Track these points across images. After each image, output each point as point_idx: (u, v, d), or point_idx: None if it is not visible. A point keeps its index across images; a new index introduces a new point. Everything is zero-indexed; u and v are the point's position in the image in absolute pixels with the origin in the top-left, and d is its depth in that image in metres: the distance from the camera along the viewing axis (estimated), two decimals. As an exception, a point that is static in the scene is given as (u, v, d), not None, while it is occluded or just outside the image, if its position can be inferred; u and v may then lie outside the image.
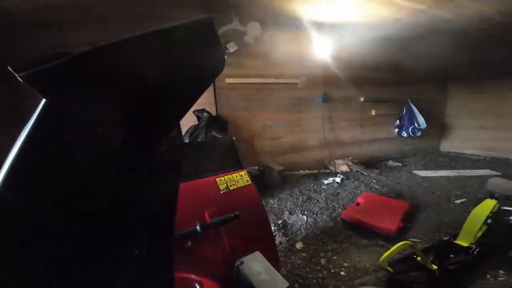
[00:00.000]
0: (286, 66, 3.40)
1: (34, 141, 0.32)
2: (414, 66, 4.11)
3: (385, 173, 3.74)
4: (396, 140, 4.50)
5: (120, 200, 0.41)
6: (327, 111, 3.75)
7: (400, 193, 3.01)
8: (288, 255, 1.92)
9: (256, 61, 3.26)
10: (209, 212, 0.96)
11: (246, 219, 0.96)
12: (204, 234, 0.83)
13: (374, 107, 4.07)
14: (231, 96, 3.25)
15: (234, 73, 3.19)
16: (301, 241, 2.08)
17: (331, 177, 3.42)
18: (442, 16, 2.98)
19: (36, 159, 0.33)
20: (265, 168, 3.43)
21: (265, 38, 3.19)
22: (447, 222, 2.34)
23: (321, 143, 3.82)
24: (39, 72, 0.30)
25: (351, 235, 2.15)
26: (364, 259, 1.87)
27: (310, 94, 3.63)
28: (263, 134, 3.49)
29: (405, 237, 2.09)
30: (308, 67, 3.49)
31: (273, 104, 3.46)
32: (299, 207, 2.64)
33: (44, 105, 0.32)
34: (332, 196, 2.90)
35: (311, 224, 2.32)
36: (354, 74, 3.76)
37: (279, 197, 2.90)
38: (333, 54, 3.46)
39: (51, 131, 0.34)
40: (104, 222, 0.40)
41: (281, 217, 2.44)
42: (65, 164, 0.34)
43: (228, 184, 1.10)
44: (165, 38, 0.37)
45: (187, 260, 0.84)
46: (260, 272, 0.79)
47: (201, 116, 2.89)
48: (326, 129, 3.79)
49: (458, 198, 2.83)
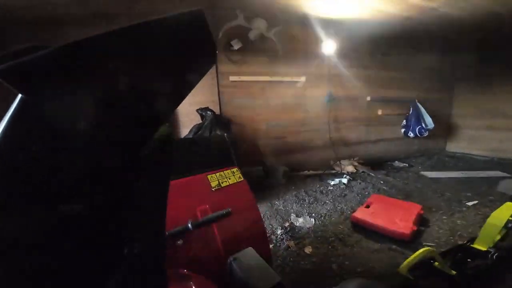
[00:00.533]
0: (291, 64, 3.32)
1: (10, 140, 0.30)
2: (422, 64, 4.03)
3: (392, 174, 3.65)
4: (402, 141, 4.42)
5: (107, 199, 0.39)
6: (332, 110, 3.66)
7: (409, 194, 2.92)
8: (297, 260, 1.83)
9: (261, 59, 3.18)
10: (200, 210, 0.96)
11: (238, 215, 0.97)
12: (195, 231, 0.83)
13: (381, 107, 3.99)
14: (235, 94, 3.17)
15: (239, 71, 3.11)
16: (309, 245, 1.99)
17: (337, 178, 3.33)
18: (453, 15, 2.90)
19: (13, 158, 0.31)
20: (270, 168, 3.35)
21: (271, 35, 3.11)
22: (461, 225, 2.26)
23: (326, 143, 3.74)
24: (13, 66, 0.28)
25: (361, 239, 2.06)
26: (377, 264, 1.79)
27: (316, 92, 3.55)
28: (267, 133, 3.41)
29: (419, 241, 2.01)
30: (314, 65, 3.41)
31: (278, 103, 3.37)
32: (306, 209, 2.56)
33: (20, 101, 0.30)
34: (340, 197, 2.81)
35: (319, 227, 2.24)
36: (361, 73, 3.68)
37: (284, 198, 2.82)
38: (340, 51, 3.38)
39: (27, 129, 0.32)
40: (91, 222, 0.38)
41: (288, 220, 2.35)
42: (44, 164, 0.33)
43: (220, 181, 1.10)
44: (152, 30, 0.34)
45: (179, 258, 0.84)
46: (253, 268, 0.79)
47: (205, 114, 2.81)
48: (332, 128, 3.70)
49: (469, 200, 2.75)
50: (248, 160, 3.23)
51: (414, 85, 4.19)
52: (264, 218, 2.40)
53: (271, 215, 2.44)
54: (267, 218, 2.40)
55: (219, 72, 3.06)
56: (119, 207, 0.41)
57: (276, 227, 2.24)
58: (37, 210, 0.33)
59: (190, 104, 2.94)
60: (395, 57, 3.89)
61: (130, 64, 0.34)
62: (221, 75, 3.06)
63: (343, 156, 3.81)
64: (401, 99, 4.10)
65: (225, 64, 3.04)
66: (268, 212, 2.49)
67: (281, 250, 1.93)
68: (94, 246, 0.39)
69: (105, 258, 0.41)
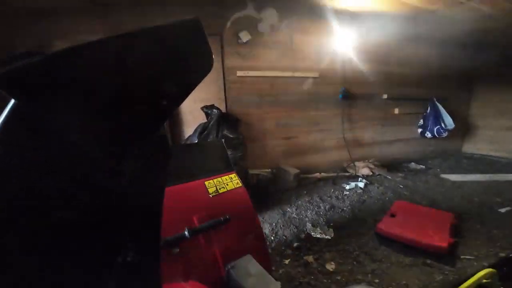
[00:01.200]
0: (303, 58, 3.07)
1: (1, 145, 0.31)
2: (442, 62, 3.78)
3: (410, 177, 3.40)
4: (418, 141, 4.16)
5: (101, 206, 0.39)
6: (346, 108, 3.41)
7: (434, 200, 2.67)
8: (320, 278, 1.59)
9: (271, 52, 2.93)
10: (197, 217, 0.93)
11: (236, 222, 0.95)
12: (193, 239, 0.81)
13: (397, 105, 3.73)
14: (243, 90, 2.92)
15: (246, 65, 2.86)
16: (331, 260, 1.75)
17: (352, 182, 3.08)
18: (482, 11, 2.64)
19: (4, 163, 0.31)
20: (279, 170, 3.11)
21: (282, 27, 2.86)
22: (498, 235, 2.02)
23: (339, 144, 3.49)
24: (7, 72, 0.29)
25: (390, 253, 1.82)
26: (412, 281, 1.55)
27: (329, 89, 3.30)
28: (276, 133, 3.16)
29: (456, 254, 1.77)
30: (327, 60, 3.16)
31: (288, 100, 3.13)
32: (323, 218, 2.31)
33: (13, 106, 0.31)
34: (358, 204, 2.56)
35: (340, 239, 1.99)
36: (378, 69, 3.42)
37: (297, 204, 2.58)
38: (356, 46, 3.14)
39: (19, 134, 0.32)
40: (83, 229, 0.38)
41: (304, 230, 2.11)
42: (36, 170, 0.33)
43: (217, 187, 1.07)
44: (149, 38, 0.35)
45: (176, 266, 0.82)
46: (251, 275, 0.78)
47: (210, 113, 2.57)
48: (345, 128, 3.45)
49: (501, 206, 2.50)
50: (255, 162, 2.99)
51: (432, 83, 3.93)
52: (277, 228, 2.16)
53: (284, 225, 2.19)
54: (280, 228, 2.15)
55: (225, 66, 2.82)
56: (112, 214, 0.41)
57: (291, 239, 2.00)
58: (27, 216, 0.33)
59: (195, 101, 2.70)
60: (414, 53, 3.63)
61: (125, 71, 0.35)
62: (228, 70, 2.83)
63: (357, 157, 3.56)
64: (419, 98, 3.84)
65: (232, 58, 2.80)
66: (281, 221, 2.25)
67: (300, 266, 1.69)
68: (87, 254, 0.38)
69: (98, 266, 0.40)
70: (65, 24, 2.27)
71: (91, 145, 0.36)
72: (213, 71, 2.90)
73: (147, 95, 0.38)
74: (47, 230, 0.34)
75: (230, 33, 2.71)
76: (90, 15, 2.31)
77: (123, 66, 0.34)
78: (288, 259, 1.76)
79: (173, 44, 0.36)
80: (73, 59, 0.31)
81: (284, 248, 1.89)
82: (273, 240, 2.01)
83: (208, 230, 0.89)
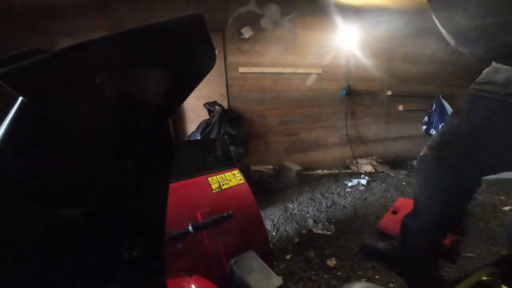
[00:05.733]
0: (306, 54, 3.05)
1: (10, 143, 0.31)
2: (448, 58, 3.71)
3: (413, 174, 3.38)
4: (422, 138, 4.11)
5: (107, 202, 0.40)
6: (350, 105, 3.39)
7: (437, 198, 2.66)
8: (320, 274, 1.61)
9: (274, 48, 2.91)
10: (201, 212, 0.95)
11: (239, 217, 0.96)
12: (196, 234, 0.83)
13: (402, 102, 3.69)
14: (245, 87, 2.92)
15: (249, 62, 2.86)
16: (332, 256, 1.76)
17: (354, 179, 3.08)
18: None
19: (14, 161, 0.32)
20: (281, 167, 3.12)
21: (285, 23, 2.84)
22: (500, 233, 2.01)
23: (342, 141, 3.48)
24: (15, 69, 0.28)
25: (391, 250, 1.82)
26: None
27: (332, 86, 3.27)
28: (279, 129, 3.17)
29: (457, 251, 1.77)
30: (331, 56, 3.13)
31: (291, 97, 3.12)
32: (324, 214, 2.33)
33: (21, 104, 0.31)
34: (360, 201, 2.57)
35: (341, 235, 2.00)
36: (382, 65, 3.38)
37: (299, 201, 2.59)
38: (360, 42, 3.10)
39: (28, 132, 0.33)
40: (90, 225, 0.39)
41: (305, 226, 2.13)
42: (44, 167, 0.34)
43: (220, 183, 1.09)
44: (152, 35, 0.34)
45: (180, 262, 0.84)
46: (254, 270, 0.79)
47: (213, 109, 2.58)
48: (349, 124, 3.44)
49: (504, 204, 2.48)
50: (258, 158, 3.01)
51: (438, 79, 3.86)
52: (279, 223, 2.18)
53: (285, 221, 2.21)
54: (281, 224, 2.17)
55: (227, 63, 2.82)
56: (118, 210, 0.41)
57: (293, 234, 2.02)
58: (36, 214, 0.34)
59: (197, 98, 2.71)
60: (419, 49, 3.56)
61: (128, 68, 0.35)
62: (230, 67, 2.82)
63: (360, 154, 3.55)
64: (424, 94, 3.79)
65: (234, 54, 2.80)
66: (282, 217, 2.27)
67: (301, 262, 1.71)
68: (93, 250, 0.39)
69: (104, 262, 0.41)
70: (69, 22, 2.29)
71: (97, 142, 0.37)
72: (216, 68, 2.89)
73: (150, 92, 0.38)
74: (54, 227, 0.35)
75: (232, 29, 2.70)
76: (93, 13, 2.32)
77: (126, 63, 0.34)
78: (289, 254, 1.79)
79: (176, 40, 0.36)
80: (78, 56, 0.31)
81: (286, 244, 1.91)
82: (275, 235, 2.03)
83: (212, 226, 0.90)
